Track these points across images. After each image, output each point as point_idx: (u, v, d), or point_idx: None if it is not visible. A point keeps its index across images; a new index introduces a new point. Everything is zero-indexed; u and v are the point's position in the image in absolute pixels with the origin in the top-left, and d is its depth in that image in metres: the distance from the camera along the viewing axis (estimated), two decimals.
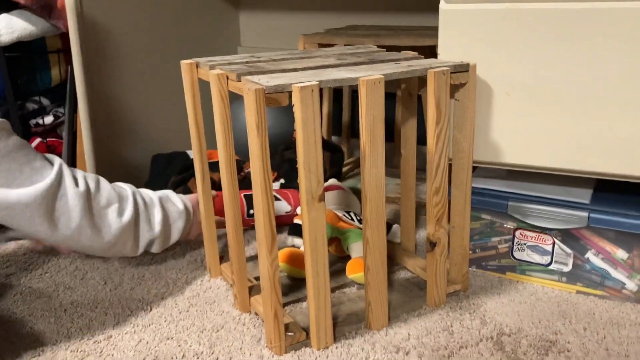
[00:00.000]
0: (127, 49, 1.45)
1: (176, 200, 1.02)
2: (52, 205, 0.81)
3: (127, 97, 1.46)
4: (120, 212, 0.90)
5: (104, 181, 0.91)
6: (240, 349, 0.87)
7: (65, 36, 1.56)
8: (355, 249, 1.05)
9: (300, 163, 0.77)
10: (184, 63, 0.96)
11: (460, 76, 0.89)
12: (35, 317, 0.95)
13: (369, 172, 0.82)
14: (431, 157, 0.89)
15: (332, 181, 1.25)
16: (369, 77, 0.79)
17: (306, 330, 0.88)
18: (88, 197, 0.85)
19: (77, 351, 0.87)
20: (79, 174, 0.87)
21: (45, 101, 1.52)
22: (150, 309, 0.97)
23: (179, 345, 0.88)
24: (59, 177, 0.83)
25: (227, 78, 0.85)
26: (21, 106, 1.47)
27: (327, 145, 1.45)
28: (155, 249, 0.98)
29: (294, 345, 0.87)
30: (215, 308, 0.97)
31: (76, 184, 0.85)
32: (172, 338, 0.89)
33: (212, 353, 0.86)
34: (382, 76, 0.80)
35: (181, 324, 0.93)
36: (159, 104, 1.55)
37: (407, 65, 0.89)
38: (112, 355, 0.86)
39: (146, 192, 0.99)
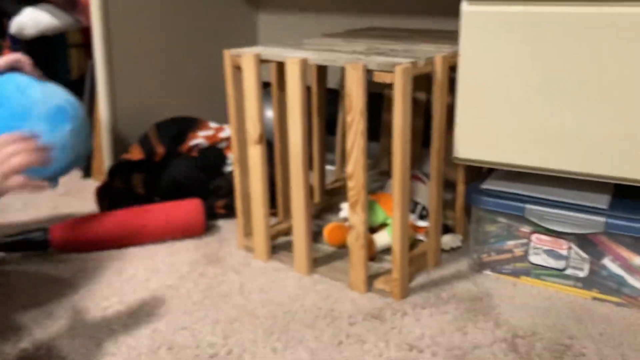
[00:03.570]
0: (147, 45, 1.46)
1: None
2: None
3: (147, 93, 1.47)
4: None
5: None
6: (254, 341, 0.87)
7: (85, 31, 1.58)
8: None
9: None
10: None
11: (384, 75, 0.90)
12: (54, 318, 0.96)
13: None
14: (346, 143, 0.94)
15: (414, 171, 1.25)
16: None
17: None
18: None
19: (93, 337, 0.87)
20: None
21: None
22: (165, 300, 0.98)
23: (193, 336, 0.88)
24: None
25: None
26: None
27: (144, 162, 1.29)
28: None
29: None
30: (229, 301, 0.98)
31: None
32: (186, 328, 0.90)
33: (226, 344, 0.86)
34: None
35: (195, 315, 0.94)
36: (178, 100, 1.57)
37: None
38: (128, 342, 0.86)
39: None
